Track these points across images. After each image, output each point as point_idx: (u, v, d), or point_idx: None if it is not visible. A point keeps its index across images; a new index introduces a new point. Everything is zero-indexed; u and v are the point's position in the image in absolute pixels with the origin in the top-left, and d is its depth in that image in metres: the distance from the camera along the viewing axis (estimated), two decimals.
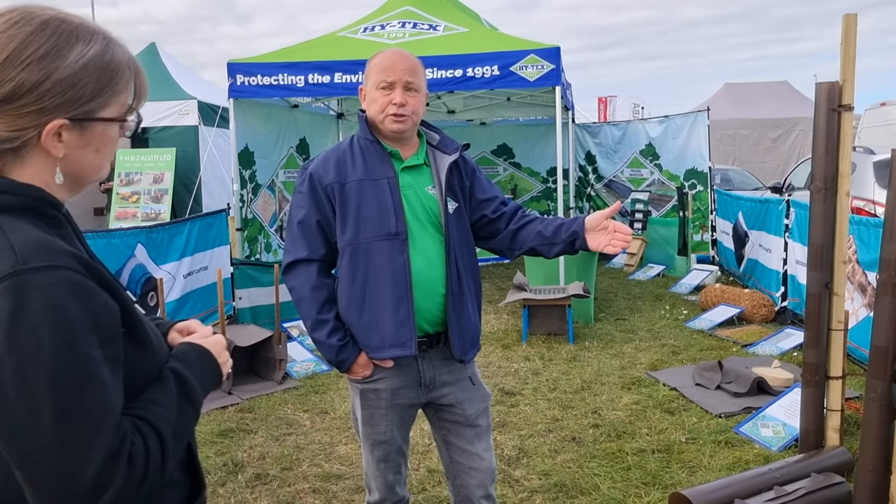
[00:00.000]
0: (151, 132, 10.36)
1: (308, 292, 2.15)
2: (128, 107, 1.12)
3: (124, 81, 1.09)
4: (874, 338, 2.91)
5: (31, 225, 1.01)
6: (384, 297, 2.10)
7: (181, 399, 1.11)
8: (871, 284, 4.82)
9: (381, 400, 2.20)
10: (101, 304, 0.99)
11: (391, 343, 2.11)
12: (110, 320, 1.00)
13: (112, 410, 0.97)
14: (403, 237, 2.10)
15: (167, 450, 1.04)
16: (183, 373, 1.15)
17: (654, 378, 5.01)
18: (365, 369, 2.16)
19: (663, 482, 3.43)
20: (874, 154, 7.83)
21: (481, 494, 2.29)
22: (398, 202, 2.11)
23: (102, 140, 1.09)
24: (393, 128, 2.11)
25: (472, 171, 2.30)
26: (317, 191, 2.14)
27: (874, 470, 2.89)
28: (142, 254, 5.41)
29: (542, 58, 6.75)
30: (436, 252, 2.15)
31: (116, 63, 1.08)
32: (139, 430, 1.01)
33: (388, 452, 2.26)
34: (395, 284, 2.09)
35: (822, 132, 3.37)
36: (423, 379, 2.21)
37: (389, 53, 2.16)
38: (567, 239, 2.16)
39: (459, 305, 2.17)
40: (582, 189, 11.65)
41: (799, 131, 17.68)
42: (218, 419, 4.38)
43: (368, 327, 2.13)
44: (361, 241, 2.11)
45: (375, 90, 2.12)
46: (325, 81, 7.07)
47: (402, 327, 2.10)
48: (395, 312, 2.10)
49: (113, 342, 1.00)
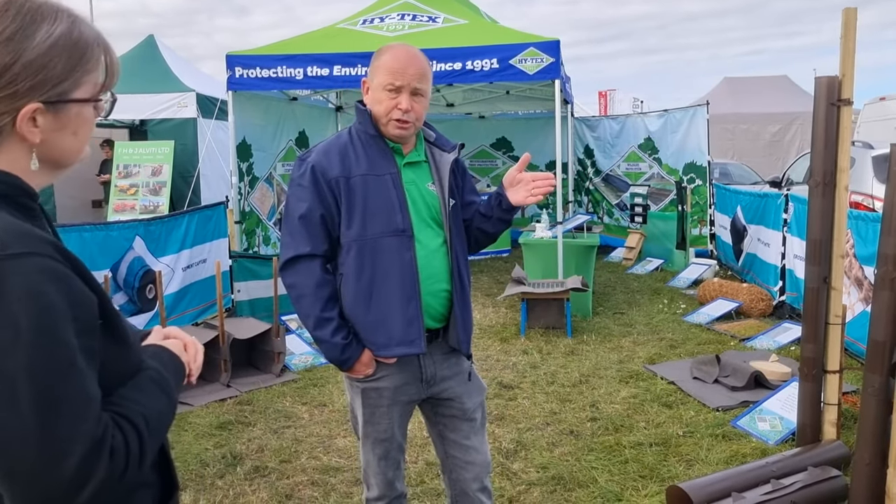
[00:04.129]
0: (150, 124, 10.33)
1: (311, 289, 2.08)
2: (100, 86, 1.08)
3: (95, 59, 1.06)
4: (872, 332, 2.92)
5: (7, 213, 0.98)
6: (393, 295, 2.08)
7: (158, 397, 1.10)
8: (867, 279, 4.82)
9: (384, 398, 2.19)
10: (80, 293, 0.97)
11: (399, 341, 2.10)
12: (88, 311, 0.98)
13: (92, 400, 0.95)
14: (410, 234, 2.09)
15: (145, 446, 1.02)
16: (158, 369, 1.14)
17: (651, 372, 5.02)
18: (367, 367, 2.14)
19: (661, 475, 3.44)
20: (873, 149, 7.83)
21: (477, 487, 2.30)
22: (402, 198, 2.10)
23: (78, 122, 1.06)
24: (395, 133, 2.09)
25: (463, 170, 2.31)
26: (320, 184, 2.07)
27: (870, 464, 2.91)
28: (140, 246, 5.40)
29: (542, 51, 6.74)
30: (438, 248, 2.15)
31: (85, 40, 1.04)
32: (118, 424, 0.99)
33: (389, 450, 2.25)
34: (403, 282, 2.08)
35: (821, 127, 3.37)
36: (425, 375, 2.21)
37: (401, 54, 2.07)
38: (495, 204, 2.22)
39: (462, 300, 2.19)
40: (581, 183, 11.65)
41: (798, 126, 17.66)
42: (216, 412, 4.39)
43: (375, 325, 2.10)
44: (369, 237, 2.07)
45: (381, 90, 2.06)
46: (325, 74, 7.05)
47: (412, 325, 2.09)
48: (405, 310, 2.08)
49: (89, 333, 0.98)
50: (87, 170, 11.13)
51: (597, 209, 11.35)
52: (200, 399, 4.59)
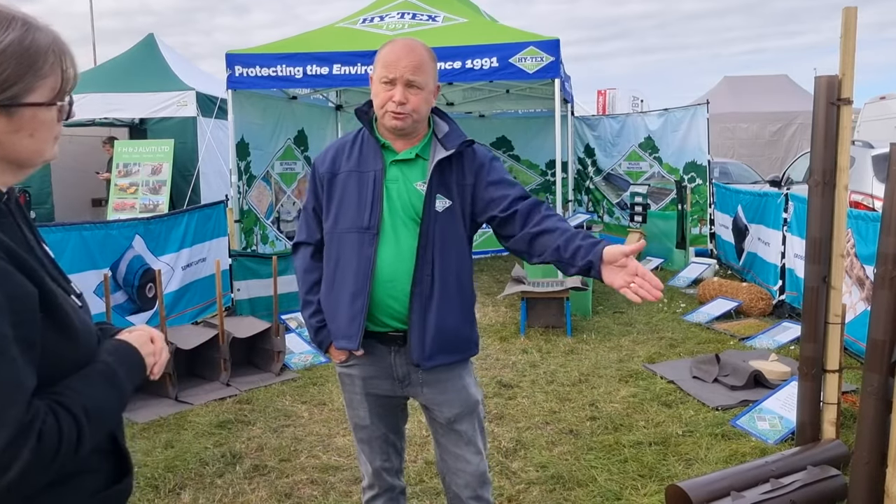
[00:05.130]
0: (150, 123, 10.33)
1: (301, 273, 2.27)
2: (57, 90, 1.12)
3: (48, 65, 1.10)
4: (871, 331, 2.92)
5: None
6: (345, 289, 2.13)
7: (104, 386, 1.13)
8: (868, 278, 4.82)
9: (356, 386, 2.25)
10: (17, 286, 1.01)
11: (342, 335, 2.15)
12: (25, 303, 1.02)
13: (22, 387, 0.98)
14: (374, 231, 2.09)
15: (83, 432, 1.05)
16: (108, 362, 1.17)
17: (651, 371, 5.02)
18: (341, 353, 2.21)
19: (660, 474, 3.44)
20: (873, 148, 7.83)
21: (469, 495, 2.27)
22: (377, 196, 2.09)
23: (34, 125, 1.10)
24: (391, 124, 2.09)
25: (479, 166, 2.15)
26: (314, 179, 2.23)
27: (870, 463, 2.91)
28: (140, 245, 5.40)
29: (542, 50, 6.74)
30: (409, 249, 2.09)
31: (37, 47, 1.08)
32: (53, 410, 1.02)
33: (371, 437, 2.29)
34: (356, 277, 2.10)
35: (821, 126, 3.36)
36: (396, 373, 2.20)
37: (397, 47, 2.07)
38: (582, 266, 1.95)
39: (426, 305, 2.09)
40: (581, 182, 11.65)
41: (798, 125, 17.67)
42: (216, 410, 4.39)
43: (331, 315, 2.19)
44: (337, 231, 2.15)
45: (378, 83, 2.08)
46: (324, 73, 7.05)
47: (353, 321, 2.11)
48: (351, 305, 2.11)
49: (26, 325, 1.01)
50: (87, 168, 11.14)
51: (597, 208, 11.34)
52: (200, 398, 4.59)
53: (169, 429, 4.12)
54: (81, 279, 4.77)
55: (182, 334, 4.92)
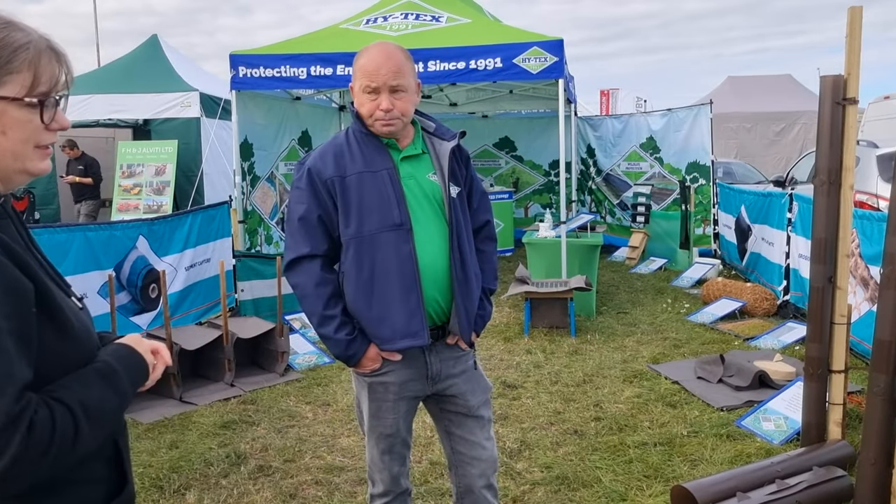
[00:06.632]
0: (153, 124, 10.35)
1: (312, 288, 2.13)
2: (28, 87, 1.09)
3: (21, 62, 1.07)
4: (877, 332, 2.91)
5: None
6: (393, 289, 2.10)
7: (101, 383, 1.13)
8: (873, 279, 4.81)
9: (390, 393, 2.21)
10: (12, 279, 1.01)
11: (403, 334, 2.11)
12: (20, 296, 1.02)
13: (13, 378, 0.98)
14: (408, 227, 2.11)
15: (80, 427, 1.04)
16: (109, 362, 1.17)
17: (655, 371, 5.01)
18: (374, 363, 2.16)
19: (665, 475, 3.44)
20: (878, 148, 7.82)
21: (483, 484, 2.30)
22: (399, 192, 2.11)
23: (5, 121, 1.08)
24: (383, 132, 2.12)
25: (467, 159, 2.31)
26: (316, 185, 2.12)
27: (876, 464, 2.90)
28: (143, 246, 5.41)
29: (545, 50, 6.73)
30: (441, 239, 2.15)
31: (9, 43, 1.07)
32: (47, 404, 1.02)
33: (393, 444, 2.27)
34: (402, 275, 2.10)
35: (826, 125, 3.36)
36: (431, 371, 2.22)
37: (374, 54, 2.08)
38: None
39: (465, 288, 2.18)
40: (584, 182, 11.64)
41: (802, 125, 17.65)
42: (220, 411, 4.39)
43: (379, 319, 2.12)
44: (366, 233, 2.10)
45: (362, 94, 2.09)
46: (328, 73, 7.05)
47: (414, 317, 2.11)
48: (405, 303, 2.10)
49: (21, 318, 1.01)
50: None
51: (599, 209, 11.33)
52: (204, 398, 4.59)
53: (173, 429, 4.12)
54: (86, 280, 4.78)
55: (186, 335, 4.92)
